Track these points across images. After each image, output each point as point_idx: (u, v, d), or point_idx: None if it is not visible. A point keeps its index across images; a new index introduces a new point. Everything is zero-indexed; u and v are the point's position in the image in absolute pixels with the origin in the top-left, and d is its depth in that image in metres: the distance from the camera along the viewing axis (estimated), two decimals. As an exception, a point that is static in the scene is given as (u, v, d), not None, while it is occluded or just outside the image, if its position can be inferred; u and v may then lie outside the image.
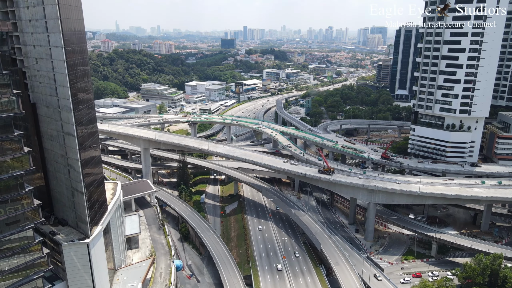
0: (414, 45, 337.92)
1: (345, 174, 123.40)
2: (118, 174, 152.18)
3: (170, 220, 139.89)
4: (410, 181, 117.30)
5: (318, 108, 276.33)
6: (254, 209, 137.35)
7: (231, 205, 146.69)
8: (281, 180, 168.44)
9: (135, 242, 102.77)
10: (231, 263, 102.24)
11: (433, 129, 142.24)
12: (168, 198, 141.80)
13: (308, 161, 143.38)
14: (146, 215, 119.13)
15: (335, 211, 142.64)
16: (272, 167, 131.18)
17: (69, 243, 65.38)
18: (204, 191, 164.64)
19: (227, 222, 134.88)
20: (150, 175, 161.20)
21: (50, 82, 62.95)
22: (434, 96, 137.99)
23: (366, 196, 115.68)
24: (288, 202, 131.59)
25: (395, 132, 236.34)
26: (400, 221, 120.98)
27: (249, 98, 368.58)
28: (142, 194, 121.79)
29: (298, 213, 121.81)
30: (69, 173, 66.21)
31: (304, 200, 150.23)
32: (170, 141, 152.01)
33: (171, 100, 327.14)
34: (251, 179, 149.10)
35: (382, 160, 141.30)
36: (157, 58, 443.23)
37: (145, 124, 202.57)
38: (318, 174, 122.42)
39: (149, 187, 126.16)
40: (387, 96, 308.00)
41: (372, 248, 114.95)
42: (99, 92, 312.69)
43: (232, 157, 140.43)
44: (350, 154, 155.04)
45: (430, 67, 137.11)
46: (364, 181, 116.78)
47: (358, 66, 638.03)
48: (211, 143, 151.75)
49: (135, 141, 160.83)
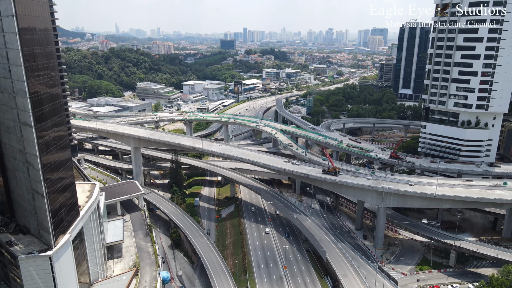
0: (418, 43, 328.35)
1: (352, 174, 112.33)
2: (106, 175, 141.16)
3: (161, 225, 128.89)
4: (424, 183, 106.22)
5: (319, 107, 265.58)
6: (252, 213, 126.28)
7: (228, 208, 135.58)
8: (282, 181, 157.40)
9: (118, 251, 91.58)
10: (225, 274, 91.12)
11: (447, 126, 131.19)
12: (159, 201, 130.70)
13: (311, 161, 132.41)
14: (132, 220, 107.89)
15: (340, 215, 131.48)
16: (272, 167, 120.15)
17: (27, 256, 54.30)
18: (199, 193, 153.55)
19: (222, 227, 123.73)
20: (141, 176, 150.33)
21: (3, 61, 52.06)
22: (447, 90, 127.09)
23: (376, 199, 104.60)
24: (289, 205, 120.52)
25: (401, 131, 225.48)
26: (412, 227, 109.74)
27: (248, 97, 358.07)
28: (128, 197, 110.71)
29: (300, 217, 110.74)
30: (28, 171, 55.21)
31: (306, 203, 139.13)
32: (162, 139, 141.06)
33: (167, 99, 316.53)
34: (249, 181, 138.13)
35: (391, 160, 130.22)
36: (154, 57, 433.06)
37: (138, 122, 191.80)
38: (322, 174, 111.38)
39: (137, 188, 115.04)
40: (391, 95, 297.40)
41: (382, 256, 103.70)
42: (93, 91, 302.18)
43: (229, 157, 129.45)
44: (356, 153, 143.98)
45: (443, 58, 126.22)
46: (373, 182, 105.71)
47: (359, 67, 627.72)
48: (206, 142, 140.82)
49: (124, 140, 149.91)
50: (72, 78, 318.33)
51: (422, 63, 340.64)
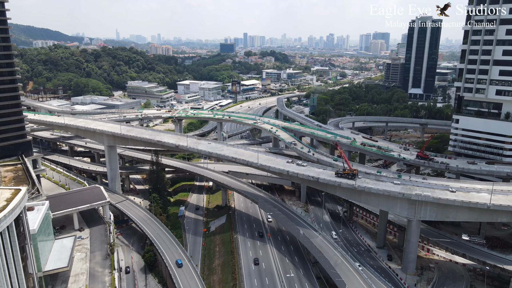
0: (429, 39, 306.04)
1: (374, 178, 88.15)
2: (72, 179, 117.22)
3: (136, 240, 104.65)
4: (469, 189, 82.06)
5: (324, 106, 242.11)
6: (248, 226, 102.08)
7: (218, 220, 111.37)
8: (284, 187, 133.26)
9: (63, 281, 67.52)
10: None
11: (486, 119, 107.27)
12: (134, 211, 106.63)
13: (320, 161, 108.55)
14: (92, 237, 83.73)
15: (355, 228, 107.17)
16: (272, 169, 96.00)
17: None
18: (185, 201, 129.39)
19: (210, 244, 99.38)
20: (117, 181, 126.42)
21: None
22: (488, 74, 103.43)
23: (407, 209, 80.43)
24: (293, 217, 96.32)
25: (416, 131, 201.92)
26: (453, 245, 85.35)
27: (247, 98, 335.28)
28: (88, 206, 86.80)
29: (308, 233, 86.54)
30: None
31: (314, 213, 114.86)
32: (140, 136, 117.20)
33: (159, 99, 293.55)
34: (245, 186, 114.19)
35: (418, 160, 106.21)
36: (147, 56, 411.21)
37: (120, 120, 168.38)
38: (336, 178, 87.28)
39: (102, 195, 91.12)
40: (401, 94, 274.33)
41: (417, 286, 79.13)
42: (79, 89, 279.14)
43: (219, 156, 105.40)
44: (374, 153, 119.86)
45: (483, 35, 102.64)
46: (402, 188, 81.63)
47: (363, 69, 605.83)
48: (193, 139, 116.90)
49: (97, 137, 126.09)
50: (57, 76, 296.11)
51: (433, 61, 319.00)
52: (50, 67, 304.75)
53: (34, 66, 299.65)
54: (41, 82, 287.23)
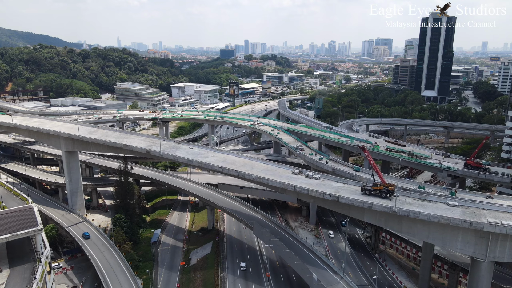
0: (444, 36, 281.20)
1: (417, 197, 61.61)
2: (15, 194, 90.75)
3: (88, 279, 77.94)
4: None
5: (331, 109, 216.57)
6: (240, 257, 75.61)
7: (202, 248, 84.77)
8: (287, 203, 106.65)
9: None
10: None
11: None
12: (90, 238, 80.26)
13: (336, 172, 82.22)
14: (11, 282, 57.08)
15: (384, 261, 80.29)
16: (273, 184, 69.44)
17: None
18: (164, 221, 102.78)
19: (188, 285, 72.54)
20: (79, 196, 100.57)
21: None
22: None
23: (474, 245, 53.86)
24: (302, 250, 69.59)
25: (439, 135, 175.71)
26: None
27: (246, 102, 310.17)
28: (9, 236, 60.34)
29: (325, 277, 59.84)
30: None
31: (327, 240, 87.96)
32: (104, 139, 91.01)
33: (150, 102, 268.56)
34: (237, 205, 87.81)
35: (469, 171, 79.70)
36: (140, 57, 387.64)
37: (94, 122, 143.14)
38: (363, 197, 60.81)
39: (33, 220, 64.61)
40: (416, 95, 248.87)
41: None
42: (61, 90, 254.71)
43: (200, 165, 78.92)
44: (405, 161, 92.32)
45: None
46: (464, 212, 55.22)
47: (367, 73, 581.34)
48: (170, 143, 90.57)
49: (53, 141, 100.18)
50: (38, 76, 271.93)
51: (448, 61, 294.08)
52: (32, 67, 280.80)
53: (14, 66, 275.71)
54: (21, 83, 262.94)
